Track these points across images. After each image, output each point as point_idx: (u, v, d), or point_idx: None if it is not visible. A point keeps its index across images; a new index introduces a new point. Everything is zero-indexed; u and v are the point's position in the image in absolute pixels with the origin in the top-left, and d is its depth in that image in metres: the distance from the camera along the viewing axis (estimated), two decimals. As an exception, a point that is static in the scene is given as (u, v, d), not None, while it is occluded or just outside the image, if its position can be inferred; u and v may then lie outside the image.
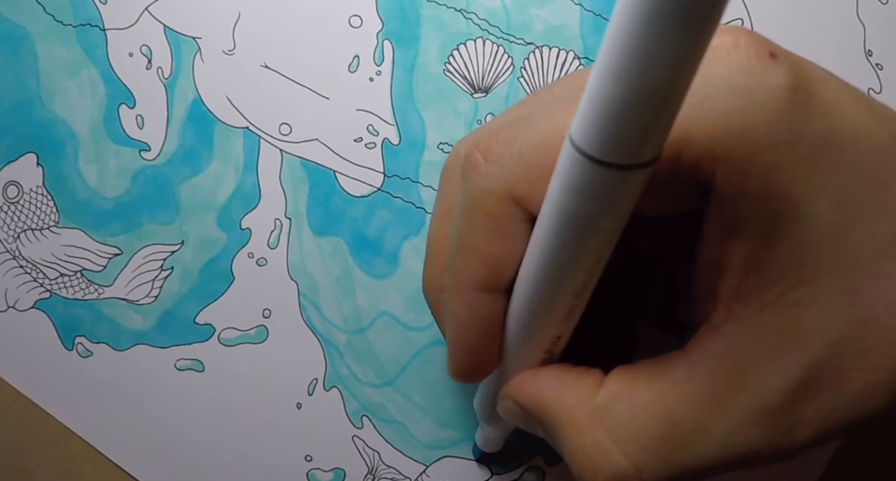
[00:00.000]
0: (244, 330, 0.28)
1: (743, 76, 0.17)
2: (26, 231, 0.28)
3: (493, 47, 0.30)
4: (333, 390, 0.28)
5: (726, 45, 0.18)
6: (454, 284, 0.21)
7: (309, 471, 0.28)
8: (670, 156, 0.17)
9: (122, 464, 0.27)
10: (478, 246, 0.20)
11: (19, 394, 0.27)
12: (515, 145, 0.19)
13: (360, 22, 0.29)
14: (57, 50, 0.28)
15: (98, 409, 0.27)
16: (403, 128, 0.29)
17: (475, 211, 0.20)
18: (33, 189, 0.28)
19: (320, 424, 0.28)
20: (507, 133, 0.19)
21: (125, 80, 0.28)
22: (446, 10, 0.30)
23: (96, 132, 0.28)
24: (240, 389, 0.28)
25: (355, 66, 0.29)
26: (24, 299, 0.27)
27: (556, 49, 0.30)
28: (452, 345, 0.22)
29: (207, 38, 0.29)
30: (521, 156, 0.19)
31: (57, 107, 0.28)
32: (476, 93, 0.29)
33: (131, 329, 0.28)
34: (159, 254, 0.28)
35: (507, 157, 0.19)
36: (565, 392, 0.21)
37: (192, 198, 0.28)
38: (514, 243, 0.20)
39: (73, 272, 0.28)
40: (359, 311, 0.28)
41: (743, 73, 0.17)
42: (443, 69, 0.29)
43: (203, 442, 0.27)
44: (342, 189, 0.29)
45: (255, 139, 0.28)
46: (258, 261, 0.28)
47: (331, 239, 0.29)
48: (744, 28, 0.18)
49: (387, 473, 0.28)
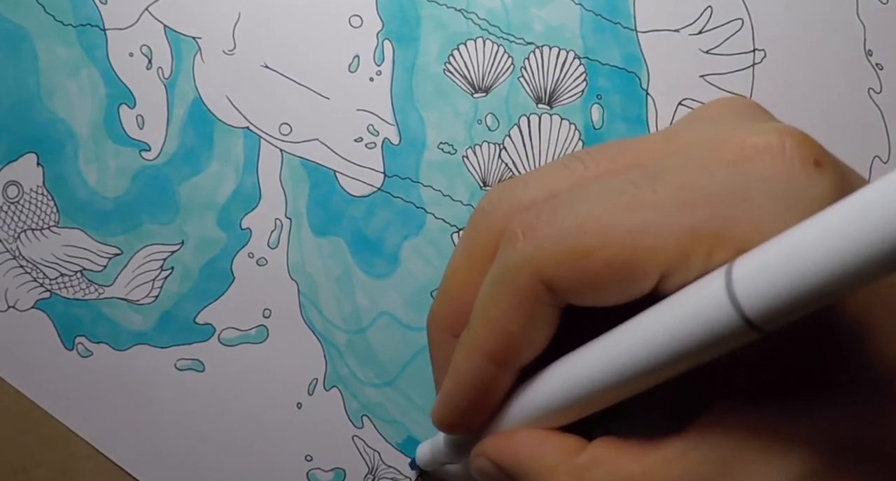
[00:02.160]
0: (244, 330, 0.28)
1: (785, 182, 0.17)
2: (26, 231, 0.28)
3: (493, 47, 0.30)
4: (333, 390, 0.28)
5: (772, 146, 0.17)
6: (467, 346, 0.21)
7: (309, 471, 0.28)
8: (705, 252, 0.17)
9: (122, 464, 0.27)
10: (499, 319, 0.20)
11: (19, 394, 0.27)
12: (554, 228, 0.19)
13: (360, 22, 0.29)
14: (57, 50, 0.28)
15: (98, 409, 0.27)
16: (403, 128, 0.29)
17: (503, 284, 0.20)
18: (33, 189, 0.28)
19: (320, 424, 0.28)
20: (549, 214, 0.19)
21: (125, 80, 0.28)
22: (446, 9, 0.30)
23: (96, 132, 0.28)
24: (240, 389, 0.28)
25: (355, 66, 0.29)
26: (24, 299, 0.27)
27: (556, 49, 0.30)
28: (444, 397, 0.22)
29: (207, 38, 0.29)
30: (557, 240, 0.19)
31: (57, 107, 0.28)
32: (476, 92, 0.30)
33: (131, 329, 0.28)
34: (159, 253, 0.28)
35: (544, 239, 0.19)
36: (545, 452, 0.20)
37: (193, 198, 0.28)
38: (535, 325, 0.20)
39: (73, 272, 0.28)
40: (359, 311, 0.28)
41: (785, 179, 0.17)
42: (443, 69, 0.29)
43: (203, 442, 0.27)
44: (342, 189, 0.29)
45: (256, 139, 0.28)
46: (258, 261, 0.28)
47: (331, 239, 0.29)
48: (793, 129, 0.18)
49: (387, 473, 0.28)
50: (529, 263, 0.19)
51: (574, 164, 0.21)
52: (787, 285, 0.15)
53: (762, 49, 0.31)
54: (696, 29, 0.31)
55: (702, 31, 0.31)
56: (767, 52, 0.31)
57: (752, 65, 0.31)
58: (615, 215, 0.18)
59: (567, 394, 0.20)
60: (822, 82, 0.32)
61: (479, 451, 0.22)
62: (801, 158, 0.17)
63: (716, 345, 0.16)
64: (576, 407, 0.20)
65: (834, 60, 0.32)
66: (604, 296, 0.19)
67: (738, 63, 0.31)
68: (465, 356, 0.21)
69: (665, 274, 0.18)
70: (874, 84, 0.32)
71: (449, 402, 0.22)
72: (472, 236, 0.22)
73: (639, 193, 0.18)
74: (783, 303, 0.15)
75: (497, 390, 0.21)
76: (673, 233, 0.17)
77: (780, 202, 0.17)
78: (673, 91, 0.31)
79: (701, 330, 0.16)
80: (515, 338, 0.20)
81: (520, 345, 0.20)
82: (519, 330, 0.20)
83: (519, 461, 0.21)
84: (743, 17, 0.31)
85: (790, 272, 0.15)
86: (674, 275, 0.18)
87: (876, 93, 0.32)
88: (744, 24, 0.31)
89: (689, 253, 0.17)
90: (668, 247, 0.17)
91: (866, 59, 0.32)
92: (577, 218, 0.18)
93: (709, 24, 0.31)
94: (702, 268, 0.17)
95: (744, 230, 0.17)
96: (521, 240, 0.19)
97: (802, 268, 0.15)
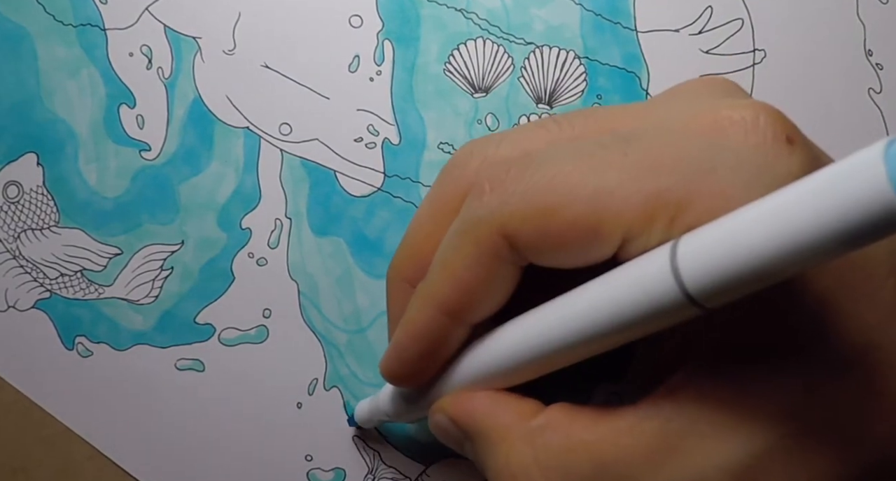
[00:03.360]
0: (244, 330, 0.28)
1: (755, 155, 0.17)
2: (26, 231, 0.28)
3: (493, 47, 0.30)
4: (334, 390, 0.28)
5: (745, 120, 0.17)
6: (423, 296, 0.21)
7: (309, 471, 0.28)
8: (667, 218, 0.17)
9: (122, 464, 0.27)
10: (458, 271, 0.20)
11: (19, 394, 0.27)
12: (521, 184, 0.19)
13: (360, 22, 0.29)
14: (57, 50, 0.28)
15: (98, 409, 0.27)
16: (403, 128, 0.29)
17: (466, 236, 0.20)
18: (33, 189, 0.28)
19: (320, 424, 0.28)
20: (518, 170, 0.19)
21: (125, 80, 0.28)
22: (446, 9, 0.30)
23: (96, 132, 0.28)
24: (240, 389, 0.28)
25: (355, 66, 0.29)
26: (24, 299, 0.27)
27: (556, 49, 0.30)
28: (395, 347, 0.22)
29: (207, 38, 0.29)
30: (524, 196, 0.19)
31: (57, 107, 0.28)
32: (476, 92, 0.30)
33: (131, 329, 0.28)
34: (159, 253, 0.28)
35: (511, 194, 0.19)
36: (502, 412, 0.20)
37: (193, 198, 0.28)
38: (493, 281, 0.20)
39: (73, 272, 0.28)
40: (359, 311, 0.28)
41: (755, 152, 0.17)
42: (443, 69, 0.29)
43: (203, 442, 0.27)
44: (342, 189, 0.29)
45: (256, 139, 0.28)
46: (258, 261, 0.28)
47: (331, 239, 0.29)
48: (767, 105, 0.18)
49: (387, 473, 0.28)
50: (494, 217, 0.19)
51: (549, 125, 0.21)
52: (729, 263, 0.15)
53: (762, 49, 0.31)
54: (696, 29, 0.31)
55: (702, 31, 0.31)
56: (767, 52, 0.31)
57: (752, 65, 0.31)
58: (583, 175, 0.18)
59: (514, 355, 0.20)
60: (822, 82, 0.32)
61: (438, 407, 0.22)
62: (773, 134, 0.17)
63: (658, 317, 0.16)
64: (523, 368, 0.20)
65: (834, 60, 0.32)
66: (565, 256, 0.19)
67: (738, 63, 0.31)
68: (419, 305, 0.21)
69: (627, 238, 0.18)
70: (874, 84, 0.32)
71: (399, 353, 0.22)
72: (439, 189, 0.22)
73: (608, 156, 0.18)
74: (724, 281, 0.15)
75: (448, 344, 0.21)
76: (638, 196, 0.17)
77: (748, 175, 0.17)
78: (673, 91, 0.31)
79: (643, 301, 0.16)
80: (472, 292, 0.20)
81: (476, 299, 0.20)
82: (476, 283, 0.20)
83: (475, 420, 0.21)
84: (743, 17, 0.31)
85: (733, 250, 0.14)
86: (636, 240, 0.18)
87: (876, 93, 0.32)
88: (744, 24, 0.31)
89: (653, 218, 0.17)
90: (631, 210, 0.17)
91: (866, 59, 0.32)
92: (545, 176, 0.18)
93: (709, 24, 0.31)
94: (663, 236, 0.17)
95: (709, 200, 0.17)
96: (488, 194, 0.19)
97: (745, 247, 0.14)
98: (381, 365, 0.22)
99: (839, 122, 0.32)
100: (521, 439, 0.20)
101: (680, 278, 0.15)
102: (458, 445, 0.22)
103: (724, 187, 0.17)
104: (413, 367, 0.22)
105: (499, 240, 0.19)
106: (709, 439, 0.17)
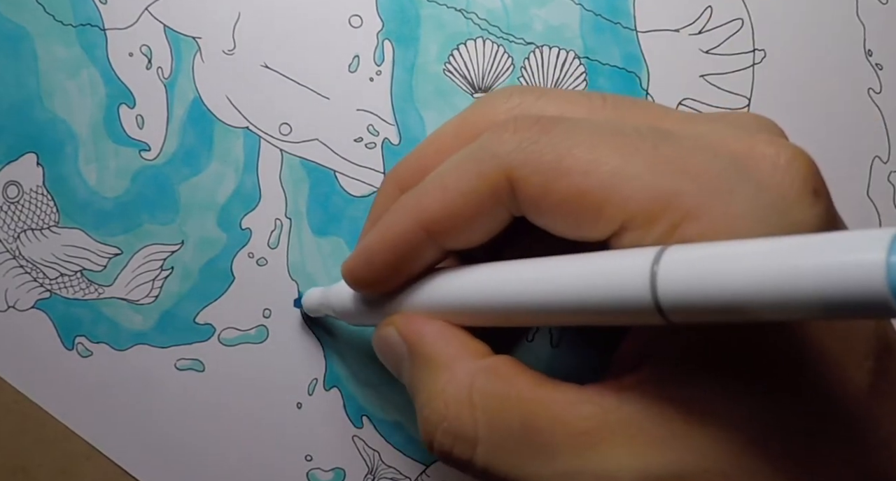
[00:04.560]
0: (244, 330, 0.28)
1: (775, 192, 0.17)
2: (26, 231, 0.28)
3: (493, 47, 0.30)
4: (333, 390, 0.28)
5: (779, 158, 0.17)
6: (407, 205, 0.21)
7: (309, 471, 0.28)
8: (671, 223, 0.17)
9: (121, 464, 0.27)
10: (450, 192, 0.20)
11: (19, 394, 0.27)
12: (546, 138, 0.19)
13: (360, 22, 0.29)
14: (57, 50, 0.28)
15: (98, 409, 0.27)
16: (403, 128, 0.29)
17: (472, 162, 0.19)
18: (33, 189, 0.28)
19: (320, 424, 0.28)
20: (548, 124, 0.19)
21: (125, 80, 0.28)
22: (446, 9, 0.30)
23: (96, 132, 0.28)
24: (240, 389, 0.28)
25: (355, 66, 0.29)
26: (24, 299, 0.27)
27: (556, 49, 0.30)
28: (362, 250, 0.21)
29: (207, 38, 0.29)
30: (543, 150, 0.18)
31: (57, 107, 0.28)
32: (476, 92, 0.30)
33: (131, 329, 0.28)
34: (159, 253, 0.28)
35: (531, 143, 0.19)
36: (452, 342, 0.20)
37: (192, 198, 0.28)
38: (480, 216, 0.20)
39: (73, 272, 0.28)
40: (359, 311, 0.28)
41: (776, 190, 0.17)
42: (443, 69, 0.29)
43: (203, 442, 0.27)
44: (342, 189, 0.29)
45: (255, 139, 0.28)
46: (258, 261, 0.28)
47: (331, 239, 0.29)
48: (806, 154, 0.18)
49: (387, 473, 0.28)
50: (507, 156, 0.19)
51: (595, 98, 0.21)
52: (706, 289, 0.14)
53: (762, 49, 0.31)
54: (696, 29, 0.31)
55: (702, 30, 0.31)
56: (767, 52, 0.31)
57: (752, 65, 0.31)
58: (609, 151, 0.18)
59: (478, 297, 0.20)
60: (822, 82, 0.32)
61: (390, 321, 0.22)
62: (802, 180, 0.17)
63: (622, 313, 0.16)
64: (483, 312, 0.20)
65: (834, 60, 0.32)
66: (558, 222, 0.19)
67: (738, 63, 0.31)
68: (400, 212, 0.21)
69: (625, 227, 0.18)
70: (874, 84, 0.32)
71: (367, 256, 0.21)
72: (469, 114, 0.22)
73: (640, 143, 0.18)
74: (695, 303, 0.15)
75: (417, 261, 0.21)
76: (653, 191, 0.17)
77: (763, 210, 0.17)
78: (673, 91, 0.31)
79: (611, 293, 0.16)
80: (458, 217, 0.20)
81: (458, 225, 0.20)
82: (465, 211, 0.20)
83: (423, 342, 0.21)
84: (743, 17, 0.31)
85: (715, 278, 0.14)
86: (632, 232, 0.18)
87: (876, 93, 0.32)
88: (744, 24, 0.31)
89: (657, 217, 0.17)
90: (640, 201, 0.17)
91: (866, 59, 0.32)
92: (573, 140, 0.18)
93: (709, 24, 0.31)
94: (659, 238, 0.17)
95: (717, 219, 0.17)
96: (510, 134, 0.19)
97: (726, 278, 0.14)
98: (345, 266, 0.22)
99: (839, 122, 0.32)
100: (463, 371, 0.20)
101: (655, 284, 0.15)
102: (395, 363, 0.22)
103: (736, 212, 0.17)
104: (376, 274, 0.21)
105: (502, 181, 0.19)
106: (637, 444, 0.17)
